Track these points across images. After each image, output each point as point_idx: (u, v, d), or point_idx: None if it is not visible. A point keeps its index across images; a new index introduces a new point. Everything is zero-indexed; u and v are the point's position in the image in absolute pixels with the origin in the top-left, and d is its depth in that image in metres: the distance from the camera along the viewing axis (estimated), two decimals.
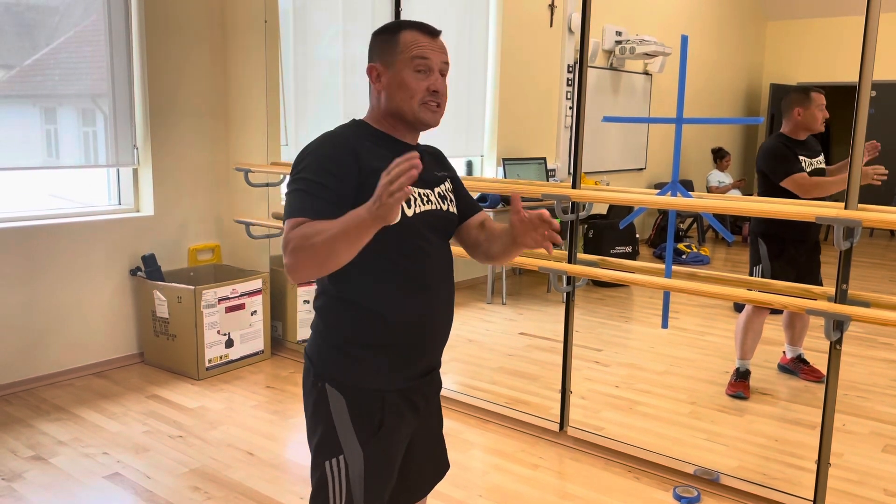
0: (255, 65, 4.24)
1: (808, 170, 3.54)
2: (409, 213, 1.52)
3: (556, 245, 1.58)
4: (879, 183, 3.14)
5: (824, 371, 3.58)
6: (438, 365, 1.68)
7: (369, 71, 1.58)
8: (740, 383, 3.72)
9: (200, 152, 4.33)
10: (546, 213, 1.49)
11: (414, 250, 1.54)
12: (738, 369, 3.77)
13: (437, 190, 1.62)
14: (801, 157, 3.56)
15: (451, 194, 1.68)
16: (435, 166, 1.67)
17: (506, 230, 1.60)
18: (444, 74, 1.60)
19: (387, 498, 1.60)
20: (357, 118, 1.63)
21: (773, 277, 3.54)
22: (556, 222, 1.53)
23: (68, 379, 3.86)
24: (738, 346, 3.75)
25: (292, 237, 1.39)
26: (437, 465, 1.76)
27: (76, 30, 3.84)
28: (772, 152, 3.58)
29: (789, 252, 3.60)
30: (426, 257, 1.56)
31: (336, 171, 1.46)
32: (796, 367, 3.98)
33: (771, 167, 3.55)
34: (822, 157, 3.68)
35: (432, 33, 1.59)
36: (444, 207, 1.63)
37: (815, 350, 4.00)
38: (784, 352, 4.05)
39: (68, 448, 3.07)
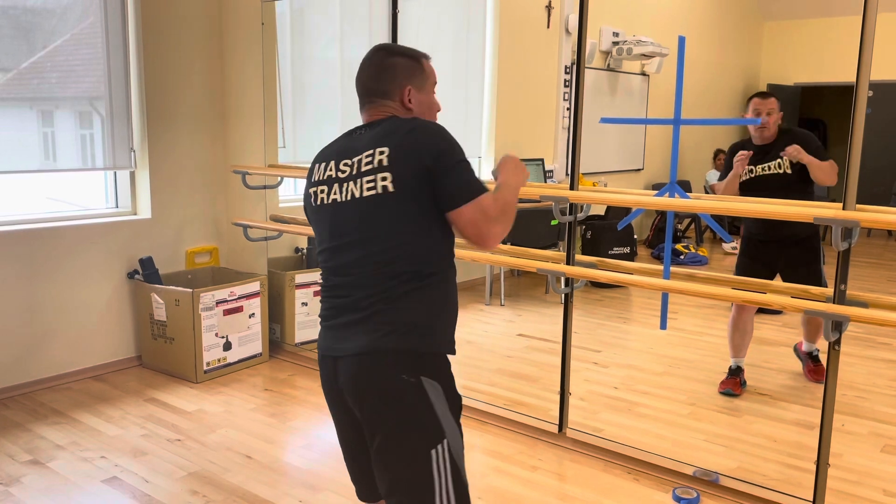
0: (252, 67, 4.24)
1: (747, 177, 3.57)
2: None
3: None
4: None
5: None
6: None
7: (405, 91, 1.73)
8: (730, 380, 3.76)
9: (198, 155, 4.32)
10: None
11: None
12: (730, 367, 3.82)
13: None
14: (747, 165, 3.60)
15: None
16: None
17: None
18: None
19: None
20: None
21: (738, 272, 3.64)
22: None
23: (66, 382, 3.85)
24: (729, 344, 3.83)
25: (498, 207, 1.61)
26: None
27: (73, 32, 3.83)
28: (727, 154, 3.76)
29: (754, 249, 3.65)
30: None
31: None
32: (805, 360, 4.03)
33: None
34: (778, 162, 3.53)
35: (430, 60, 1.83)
36: None
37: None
38: (803, 340, 4.11)
39: (66, 452, 3.07)
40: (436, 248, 1.63)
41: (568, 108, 6.79)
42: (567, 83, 6.71)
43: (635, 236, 6.44)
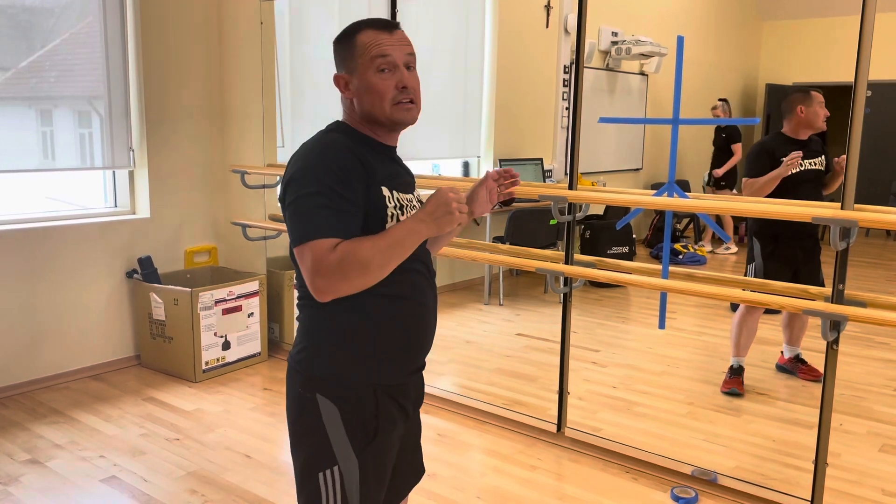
0: (250, 66, 4.24)
1: (794, 170, 3.54)
2: (403, 218, 1.50)
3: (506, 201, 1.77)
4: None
5: (822, 370, 3.59)
6: (423, 366, 1.66)
7: (336, 81, 1.54)
8: (734, 380, 3.75)
9: (197, 154, 4.32)
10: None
11: (411, 257, 1.51)
12: (731, 366, 3.81)
13: (416, 195, 1.62)
14: (783, 159, 3.55)
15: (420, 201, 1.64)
16: (405, 170, 1.63)
17: None
18: (411, 68, 1.53)
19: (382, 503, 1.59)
20: (338, 120, 1.59)
21: (766, 276, 3.56)
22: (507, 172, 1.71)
23: (65, 382, 3.85)
24: (733, 344, 3.80)
25: (334, 259, 1.36)
26: (416, 469, 1.76)
27: (72, 31, 3.83)
28: (751, 151, 3.72)
29: (782, 251, 3.62)
30: (419, 260, 1.56)
31: (350, 180, 1.42)
32: (794, 366, 3.99)
33: (746, 165, 3.69)
34: (821, 159, 3.69)
35: (389, 27, 1.52)
36: None
37: (812, 350, 4.01)
38: (782, 352, 4.06)
39: (65, 451, 3.06)
40: None
41: (567, 108, 6.79)
42: (566, 83, 6.71)
43: (634, 236, 6.44)
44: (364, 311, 1.48)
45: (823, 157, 3.70)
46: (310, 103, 4.78)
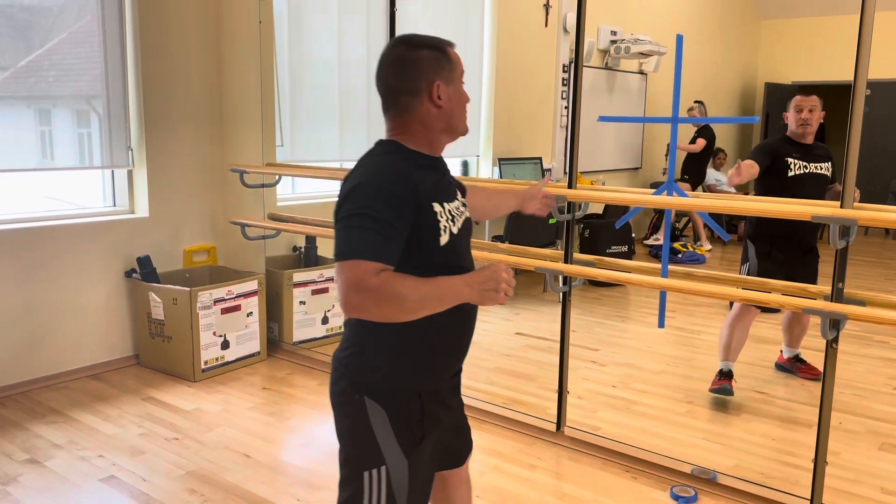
0: (249, 65, 4.24)
1: (795, 172, 3.50)
2: (455, 229, 1.59)
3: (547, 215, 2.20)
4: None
5: (821, 369, 3.56)
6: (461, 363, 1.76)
7: (434, 87, 1.57)
8: (723, 379, 3.61)
9: (195, 153, 4.32)
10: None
11: (457, 264, 1.60)
12: (720, 370, 3.64)
13: (459, 198, 1.68)
14: (790, 159, 3.53)
15: (463, 199, 1.72)
16: (445, 174, 1.68)
17: (505, 199, 2.05)
18: None
19: (427, 499, 1.68)
20: (386, 140, 1.61)
21: (759, 276, 3.54)
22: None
23: (63, 381, 3.84)
24: (722, 347, 3.64)
25: (375, 283, 1.39)
26: (465, 443, 1.85)
27: (70, 31, 3.83)
28: (760, 144, 3.69)
29: (776, 254, 3.57)
30: (465, 269, 1.61)
31: (402, 208, 1.47)
32: (793, 366, 3.99)
33: (751, 152, 3.64)
34: (827, 165, 3.61)
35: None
36: (468, 214, 1.70)
37: (811, 349, 4.01)
38: (781, 351, 4.06)
39: (64, 451, 3.06)
40: None
41: (566, 107, 6.79)
42: (565, 82, 6.71)
43: (633, 235, 6.44)
44: (413, 320, 1.50)
45: (830, 163, 3.62)
46: (309, 102, 4.78)
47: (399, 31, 3.75)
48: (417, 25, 5.41)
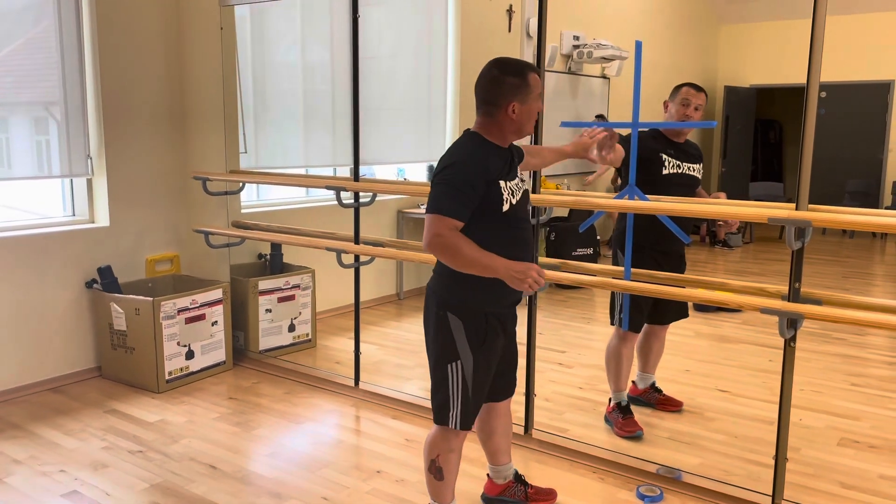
0: (211, 72, 4.20)
1: (668, 171, 3.16)
2: (514, 200, 2.24)
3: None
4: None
5: (680, 399, 3.51)
6: (519, 300, 2.39)
7: (511, 106, 2.19)
8: (629, 420, 3.26)
9: (157, 161, 4.26)
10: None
11: (517, 222, 2.26)
12: (618, 404, 3.31)
13: (519, 175, 2.33)
14: (664, 156, 3.17)
15: (522, 174, 2.40)
16: (510, 160, 2.29)
17: (552, 152, 2.73)
18: None
19: (486, 392, 2.36)
20: (473, 132, 2.28)
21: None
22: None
23: (23, 395, 3.76)
24: (612, 379, 3.31)
25: (447, 236, 2.09)
26: (511, 381, 2.52)
27: (27, 37, 3.75)
28: (623, 137, 3.08)
29: (645, 261, 3.12)
30: (524, 227, 2.30)
31: (476, 183, 2.14)
32: (651, 397, 3.57)
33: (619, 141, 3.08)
34: (699, 166, 3.29)
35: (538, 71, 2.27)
36: (525, 187, 2.37)
37: (769, 346, 4.09)
38: (633, 381, 3.58)
39: (24, 467, 3.00)
40: (468, 234, 2.14)
41: None
42: None
43: (598, 237, 6.51)
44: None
45: (701, 165, 3.31)
46: (273, 108, 4.75)
47: (362, 38, 3.74)
48: (381, 31, 5.41)
